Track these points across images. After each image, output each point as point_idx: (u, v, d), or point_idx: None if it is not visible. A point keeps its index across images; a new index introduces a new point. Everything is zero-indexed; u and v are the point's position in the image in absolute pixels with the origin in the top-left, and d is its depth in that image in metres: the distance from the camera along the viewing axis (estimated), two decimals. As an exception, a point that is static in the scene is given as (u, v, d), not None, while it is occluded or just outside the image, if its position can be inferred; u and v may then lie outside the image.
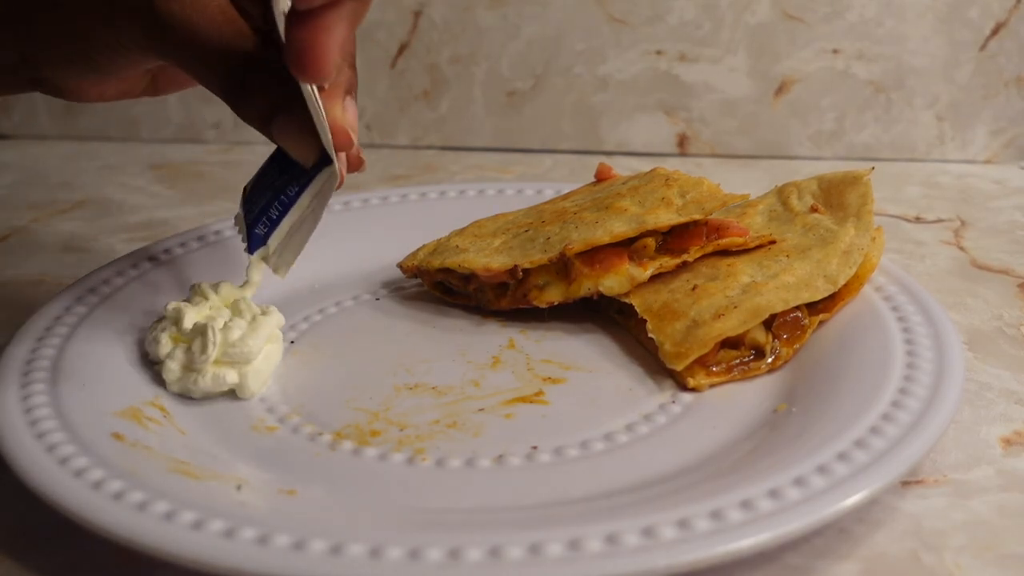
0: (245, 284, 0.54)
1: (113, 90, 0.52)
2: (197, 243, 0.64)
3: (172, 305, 0.53)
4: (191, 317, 0.52)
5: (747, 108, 0.89)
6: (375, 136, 0.95)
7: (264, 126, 0.47)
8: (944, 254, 0.70)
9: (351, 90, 0.48)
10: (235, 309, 0.53)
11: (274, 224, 0.51)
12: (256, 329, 0.52)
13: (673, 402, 0.51)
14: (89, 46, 0.47)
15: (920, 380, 0.47)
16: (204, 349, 0.51)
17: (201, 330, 0.51)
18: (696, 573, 0.38)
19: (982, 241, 0.72)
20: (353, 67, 0.49)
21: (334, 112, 0.47)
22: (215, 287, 0.54)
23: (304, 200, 0.50)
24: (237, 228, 0.54)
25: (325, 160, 0.48)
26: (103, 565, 0.42)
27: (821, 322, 0.55)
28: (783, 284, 0.54)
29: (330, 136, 0.47)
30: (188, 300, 0.54)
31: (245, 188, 0.53)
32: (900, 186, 0.83)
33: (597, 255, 0.56)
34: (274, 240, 0.51)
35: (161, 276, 0.61)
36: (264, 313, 0.54)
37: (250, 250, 0.52)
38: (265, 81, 0.47)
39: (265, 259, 0.52)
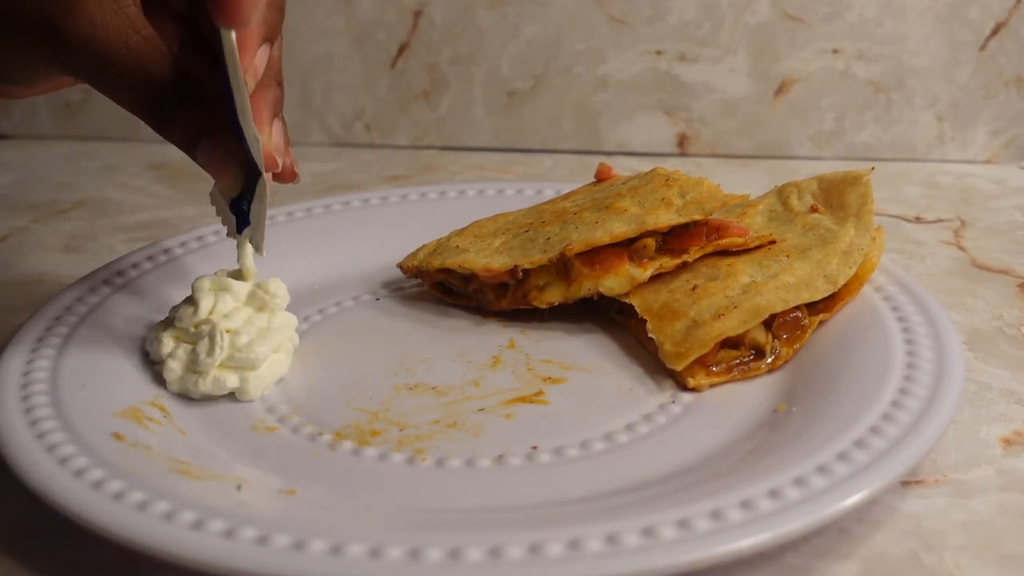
0: (242, 273, 0.53)
1: (43, 89, 0.51)
2: (197, 243, 0.64)
3: (178, 305, 0.53)
4: (204, 309, 0.52)
5: (747, 108, 0.89)
6: (375, 136, 0.95)
7: (189, 149, 0.47)
8: (944, 254, 0.70)
9: (278, 109, 0.48)
10: (257, 306, 0.53)
11: (252, 196, 0.50)
12: (265, 337, 0.52)
13: (673, 402, 0.51)
14: (2, 67, 0.46)
15: (920, 380, 0.47)
16: (211, 352, 0.51)
17: (209, 331, 0.51)
18: (696, 573, 0.38)
19: (982, 241, 0.72)
20: (280, 84, 0.48)
21: (261, 137, 0.46)
22: (223, 282, 0.53)
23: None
24: (215, 207, 0.53)
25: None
26: (103, 565, 0.42)
27: (821, 322, 0.55)
28: (783, 284, 0.54)
29: (258, 140, 0.46)
30: (192, 299, 0.53)
31: None
32: (900, 186, 0.83)
33: (597, 255, 0.56)
34: (252, 214, 0.50)
35: (161, 276, 0.61)
36: (283, 324, 0.53)
37: (239, 229, 0.51)
38: (189, 104, 0.46)
39: (250, 239, 0.52)
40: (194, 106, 0.46)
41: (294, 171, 0.50)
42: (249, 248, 0.53)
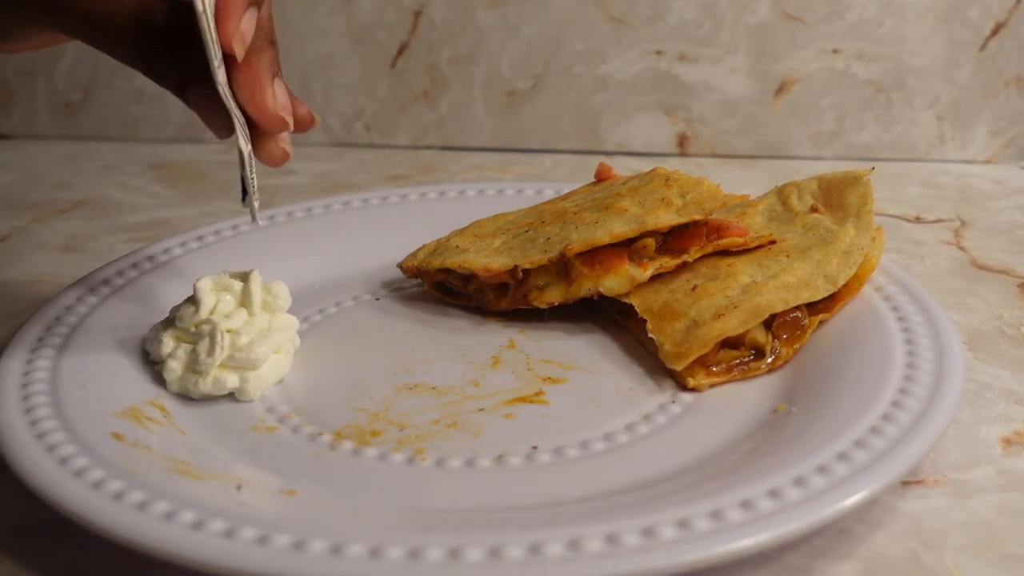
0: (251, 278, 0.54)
1: (34, 45, 0.50)
2: (197, 243, 0.64)
3: (179, 305, 0.53)
4: (205, 309, 0.52)
5: (747, 108, 0.89)
6: (375, 136, 0.95)
7: (180, 94, 0.47)
8: (944, 254, 0.70)
9: (276, 68, 0.48)
10: (263, 307, 0.53)
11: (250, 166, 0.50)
12: (266, 337, 0.52)
13: (673, 402, 0.51)
14: None
15: (920, 380, 0.48)
16: (211, 352, 0.51)
17: (209, 331, 0.51)
18: (696, 573, 0.38)
19: (982, 241, 0.72)
20: (273, 43, 0.48)
21: (265, 99, 0.46)
22: (225, 282, 0.53)
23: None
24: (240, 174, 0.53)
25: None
26: (103, 565, 0.42)
27: (821, 322, 0.55)
28: (783, 284, 0.54)
29: (235, 108, 0.46)
30: (193, 299, 0.53)
31: None
32: (900, 186, 0.83)
33: (597, 255, 0.56)
34: (245, 182, 0.50)
35: (161, 276, 0.61)
36: (284, 325, 0.54)
37: (243, 196, 0.51)
38: (178, 51, 0.46)
39: (249, 207, 0.51)
40: (186, 54, 0.46)
41: (311, 116, 0.50)
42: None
